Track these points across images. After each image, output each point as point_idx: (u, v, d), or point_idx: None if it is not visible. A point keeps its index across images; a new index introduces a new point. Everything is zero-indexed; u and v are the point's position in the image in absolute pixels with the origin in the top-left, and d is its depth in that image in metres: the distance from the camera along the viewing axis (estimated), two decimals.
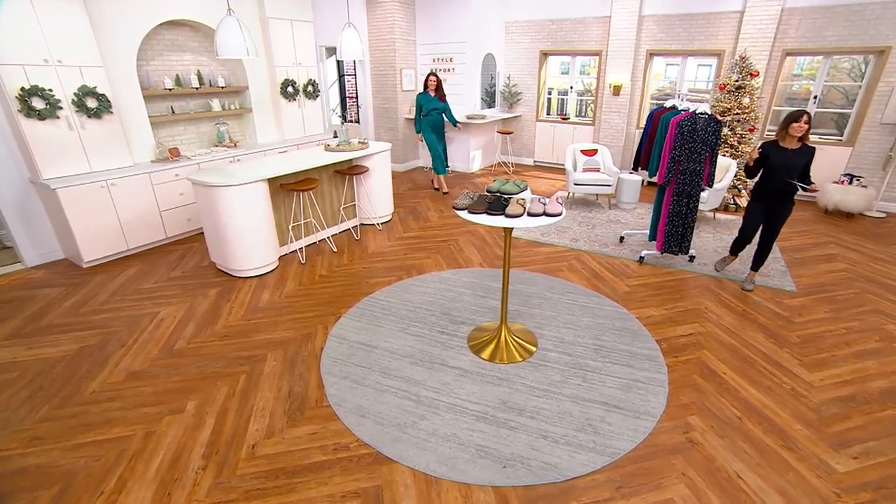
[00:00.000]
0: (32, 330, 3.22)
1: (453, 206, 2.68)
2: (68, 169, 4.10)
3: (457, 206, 2.65)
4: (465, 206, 2.64)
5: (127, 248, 4.43)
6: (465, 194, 2.72)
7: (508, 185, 2.79)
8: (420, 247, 4.65)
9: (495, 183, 2.84)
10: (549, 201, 2.62)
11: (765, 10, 5.68)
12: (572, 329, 3.27)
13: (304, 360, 2.88)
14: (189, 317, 3.38)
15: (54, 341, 3.09)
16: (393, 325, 3.27)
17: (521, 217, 2.54)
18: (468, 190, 2.81)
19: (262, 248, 3.96)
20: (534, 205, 2.58)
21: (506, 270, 2.89)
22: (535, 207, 2.56)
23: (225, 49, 3.45)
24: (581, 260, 4.41)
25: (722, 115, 5.50)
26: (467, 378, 2.74)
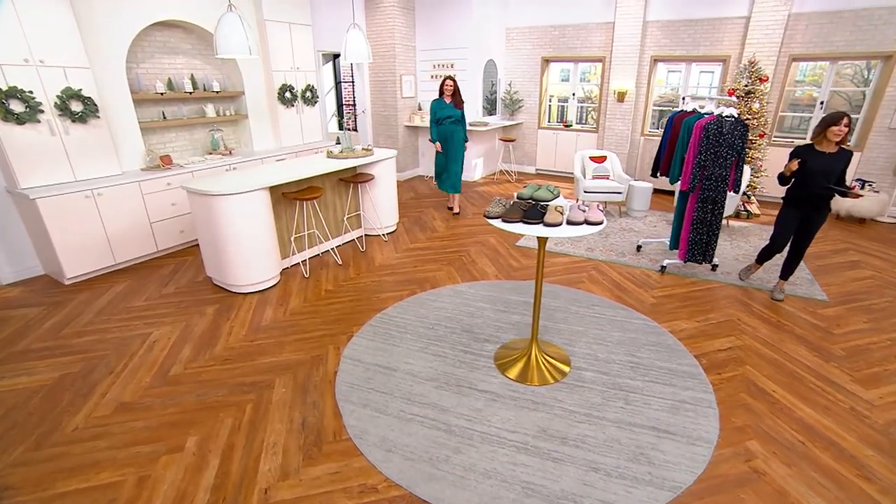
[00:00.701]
0: (6, 356, 2.88)
1: (485, 214, 2.46)
2: (50, 177, 3.78)
3: (489, 215, 2.43)
4: (497, 214, 2.42)
5: (114, 263, 4.10)
6: (497, 201, 2.50)
7: (541, 192, 2.58)
8: (430, 258, 4.41)
9: (527, 189, 2.62)
10: (589, 208, 2.41)
11: (771, 16, 5.65)
12: (604, 345, 3.05)
13: (317, 385, 2.60)
14: (185, 338, 3.07)
15: (31, 369, 2.76)
16: (411, 344, 3.01)
17: (561, 226, 2.33)
18: (499, 196, 2.59)
19: (263, 261, 3.68)
20: (573, 212, 2.37)
21: (538, 284, 2.66)
22: (576, 215, 2.35)
23: (225, 47, 3.21)
24: (600, 270, 4.21)
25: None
26: (500, 403, 2.49)
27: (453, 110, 5.30)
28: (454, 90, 5.28)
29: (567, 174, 8.11)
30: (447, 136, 5.38)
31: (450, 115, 5.31)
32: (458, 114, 5.35)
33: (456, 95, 5.29)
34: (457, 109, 5.32)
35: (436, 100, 5.39)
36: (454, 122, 5.34)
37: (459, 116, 5.37)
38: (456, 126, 5.36)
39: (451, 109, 5.29)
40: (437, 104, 5.35)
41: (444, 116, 5.31)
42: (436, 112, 5.36)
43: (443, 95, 5.32)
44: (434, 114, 5.38)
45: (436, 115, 5.37)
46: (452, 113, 5.31)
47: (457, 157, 5.52)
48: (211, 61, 5.12)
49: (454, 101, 5.30)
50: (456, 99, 5.30)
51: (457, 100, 5.30)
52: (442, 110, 5.31)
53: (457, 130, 5.37)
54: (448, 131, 5.36)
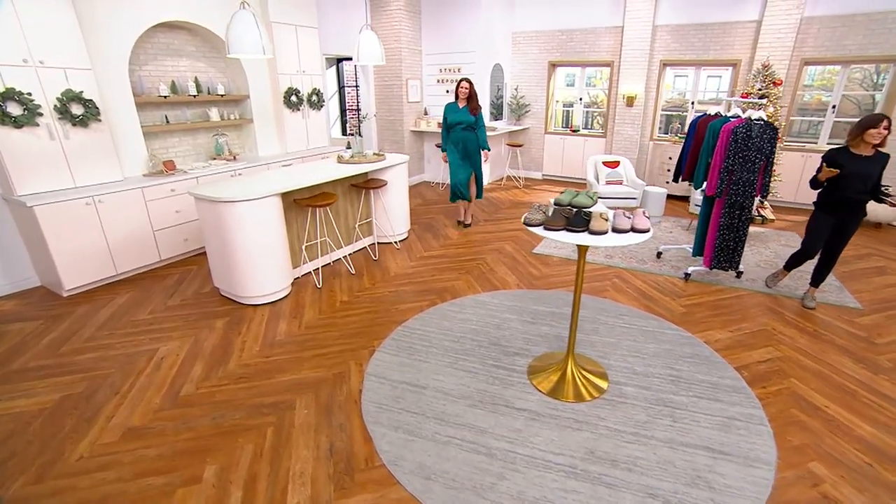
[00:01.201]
0: (2, 376, 2.67)
1: (524, 221, 2.31)
2: (48, 184, 3.58)
3: (529, 223, 2.28)
4: (539, 222, 2.27)
5: (115, 273, 3.90)
6: (536, 208, 2.36)
7: (581, 198, 2.44)
8: (447, 267, 4.24)
9: (564, 195, 2.48)
10: (634, 215, 2.27)
11: (783, 19, 5.61)
12: (639, 357, 2.90)
13: (342, 406, 2.42)
14: (195, 354, 2.88)
15: (29, 390, 2.55)
16: (438, 359, 2.84)
17: (607, 234, 2.18)
18: (538, 203, 2.44)
19: (275, 271, 3.49)
20: (619, 220, 2.23)
21: (577, 296, 2.52)
22: (622, 223, 2.21)
23: (238, 47, 3.05)
24: (623, 278, 4.07)
25: None
26: (540, 422, 2.33)
27: (466, 115, 4.88)
28: (469, 94, 4.83)
29: (574, 179, 8.01)
30: (458, 144, 4.99)
31: (461, 120, 4.89)
32: (471, 120, 4.90)
33: (472, 100, 4.86)
34: (470, 115, 4.87)
35: (449, 104, 5.01)
36: (466, 129, 4.92)
37: (473, 123, 4.91)
38: (468, 133, 4.95)
39: (463, 115, 4.88)
40: (449, 108, 4.98)
41: (455, 122, 4.92)
42: (446, 117, 4.98)
43: (457, 99, 4.93)
44: (445, 119, 5.01)
45: (446, 120, 4.98)
46: (465, 119, 4.89)
47: (474, 163, 5.12)
48: (215, 64, 4.95)
49: (469, 105, 4.87)
50: (471, 104, 4.86)
51: (472, 105, 4.87)
52: (453, 115, 4.93)
53: (469, 138, 4.97)
54: (459, 138, 4.97)
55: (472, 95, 4.83)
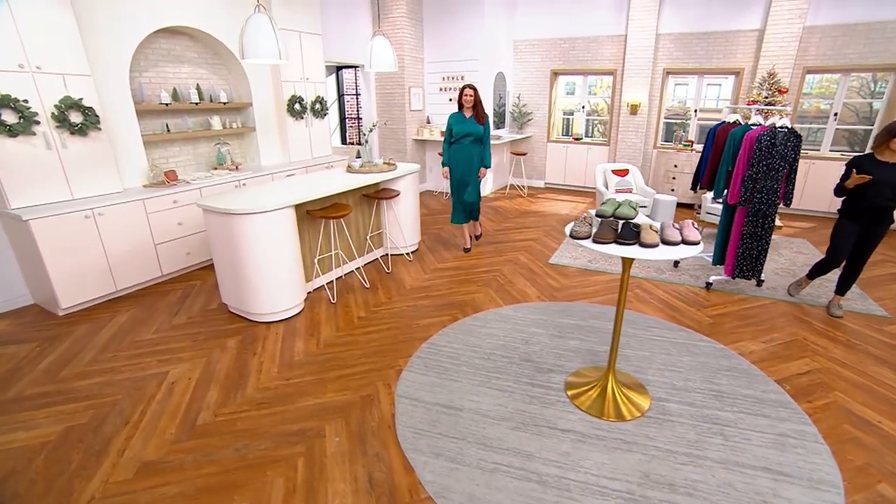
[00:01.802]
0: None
1: (571, 234, 2.21)
2: (44, 196, 3.38)
3: (576, 236, 2.19)
4: (586, 235, 2.18)
5: (115, 290, 3.69)
6: (583, 219, 2.26)
7: (624, 208, 2.36)
8: (463, 279, 4.12)
9: (606, 205, 2.40)
10: (683, 227, 2.19)
11: (786, 28, 5.69)
12: (676, 371, 2.81)
13: (375, 432, 2.27)
14: (208, 377, 2.69)
15: (28, 421, 2.34)
16: (469, 378, 2.71)
17: (658, 247, 2.09)
18: (585, 214, 2.35)
19: (288, 286, 3.33)
20: (669, 231, 2.15)
21: (620, 312, 2.42)
22: (672, 234, 2.13)
23: (253, 52, 2.91)
24: (644, 289, 4.00)
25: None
26: (587, 444, 2.21)
27: (474, 126, 4.35)
28: (475, 101, 4.34)
29: (578, 188, 7.99)
30: (464, 158, 4.42)
31: (469, 132, 4.35)
32: (480, 130, 4.37)
33: (478, 108, 4.36)
34: (478, 125, 4.36)
35: (455, 113, 4.48)
36: (474, 142, 4.38)
37: (481, 134, 4.39)
38: (476, 147, 4.41)
39: (471, 125, 4.35)
40: (455, 118, 4.43)
41: (461, 134, 4.36)
42: (451, 128, 4.43)
43: (462, 108, 4.42)
44: (449, 130, 4.45)
45: (451, 131, 4.43)
46: (472, 130, 4.35)
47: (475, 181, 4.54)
48: (217, 71, 4.80)
49: (475, 114, 4.36)
50: (478, 112, 4.36)
51: (478, 113, 4.36)
52: (460, 125, 4.37)
53: (476, 152, 4.42)
54: (465, 153, 4.40)
55: (477, 103, 4.36)
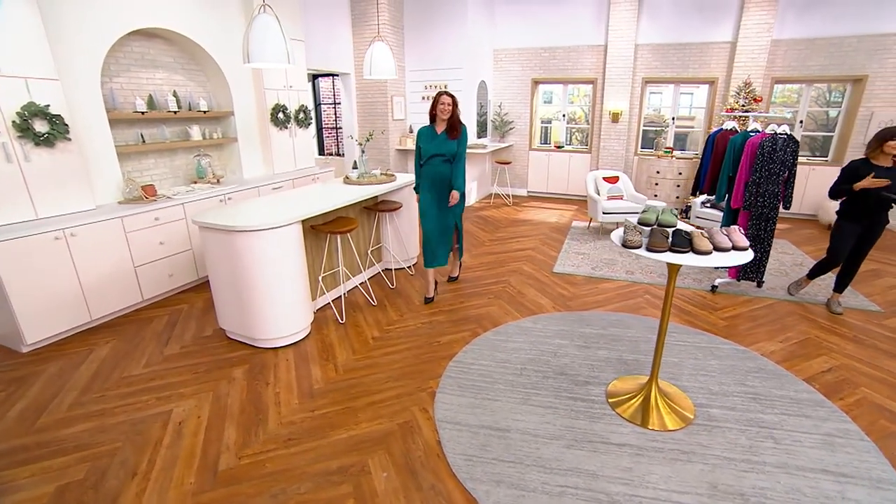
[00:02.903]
0: None
1: (624, 244, 2.19)
2: (2, 216, 3.00)
3: (629, 245, 2.17)
4: (639, 244, 2.16)
5: (90, 320, 3.31)
6: (632, 228, 2.24)
7: (666, 216, 2.36)
8: (473, 292, 4.03)
9: (648, 213, 2.39)
10: (730, 233, 2.22)
11: (755, 41, 6.10)
12: (708, 375, 2.84)
13: (424, 462, 2.12)
14: (221, 414, 2.44)
15: (10, 483, 2.01)
16: (508, 396, 2.61)
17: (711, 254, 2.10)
18: (629, 221, 2.34)
19: (296, 307, 3.11)
20: (719, 238, 2.16)
21: (665, 317, 2.41)
22: (723, 241, 2.14)
23: (259, 55, 2.73)
24: (653, 294, 4.07)
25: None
26: (646, 457, 2.17)
27: (446, 143, 3.48)
28: (452, 112, 3.47)
29: (561, 196, 8.14)
30: (435, 182, 3.57)
31: (439, 151, 3.48)
32: (453, 148, 3.48)
33: (453, 121, 3.48)
34: (451, 141, 3.48)
35: (424, 128, 3.62)
36: (447, 162, 3.51)
37: (453, 153, 3.49)
38: (446, 167, 3.52)
39: (442, 142, 3.49)
40: (424, 134, 3.58)
41: (430, 153, 3.51)
42: (420, 146, 3.59)
43: (433, 122, 3.55)
44: (418, 148, 3.62)
45: (419, 150, 3.60)
46: (444, 149, 3.48)
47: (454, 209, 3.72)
48: (195, 77, 4.51)
49: (449, 125, 3.48)
50: (452, 124, 3.47)
51: (453, 125, 3.47)
52: (428, 143, 3.52)
53: (448, 172, 3.55)
54: (436, 175, 3.55)
55: (454, 116, 3.49)
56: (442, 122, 3.51)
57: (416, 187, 3.79)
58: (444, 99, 3.44)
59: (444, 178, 3.58)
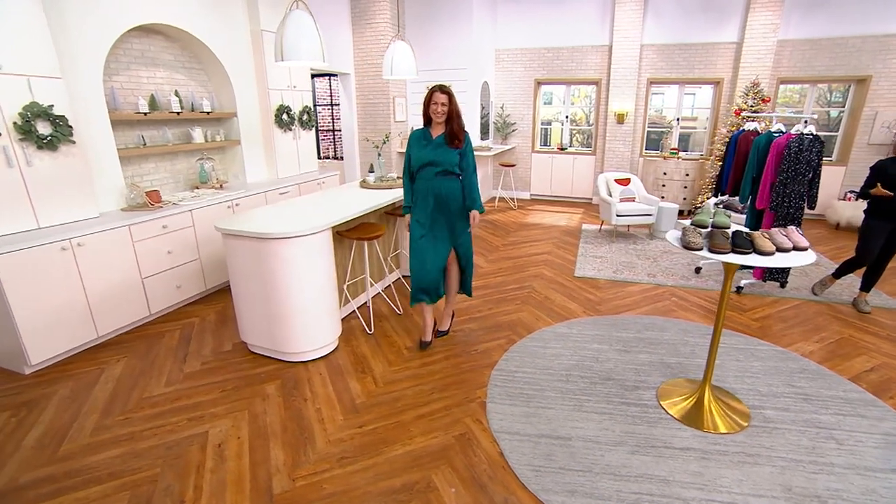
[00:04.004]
0: None
1: (685, 245, 2.26)
2: (2, 225, 2.88)
3: (691, 246, 2.23)
4: (699, 246, 2.23)
5: (96, 337, 3.20)
6: (692, 230, 2.31)
7: (720, 217, 2.44)
8: (499, 298, 4.06)
9: (702, 215, 2.47)
10: (789, 233, 2.31)
11: (761, 42, 6.37)
12: (754, 377, 2.93)
13: (491, 475, 2.12)
14: (262, 434, 2.38)
15: None
16: (560, 403, 2.63)
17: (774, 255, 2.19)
18: (688, 224, 2.41)
19: (326, 318, 3.07)
20: (779, 238, 2.25)
21: (720, 319, 2.49)
22: (784, 241, 2.23)
23: (294, 53, 2.72)
24: (679, 296, 4.18)
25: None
26: (713, 461, 2.22)
27: (444, 151, 2.88)
28: (449, 114, 2.86)
29: (566, 199, 8.27)
30: (429, 199, 2.95)
31: (435, 160, 2.88)
32: (452, 158, 2.88)
33: (452, 122, 2.88)
34: (451, 149, 2.89)
35: (416, 131, 3.02)
36: (443, 174, 2.91)
37: (455, 163, 2.90)
38: (447, 181, 2.92)
39: (438, 149, 2.89)
40: (416, 139, 2.98)
41: (424, 162, 2.91)
42: (410, 154, 3.00)
43: (429, 124, 2.97)
44: (408, 158, 3.02)
45: (409, 160, 3.01)
46: (441, 157, 2.88)
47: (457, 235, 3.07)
48: (196, 76, 4.44)
49: (448, 131, 2.88)
50: (452, 129, 2.88)
51: (453, 129, 2.87)
52: (420, 150, 2.93)
53: (448, 190, 2.93)
54: (431, 190, 2.93)
55: (452, 116, 2.87)
56: (439, 124, 2.93)
57: (405, 207, 3.09)
58: (438, 97, 2.82)
59: (440, 194, 2.92)
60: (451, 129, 2.89)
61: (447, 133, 2.90)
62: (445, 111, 2.86)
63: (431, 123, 2.97)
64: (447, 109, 2.86)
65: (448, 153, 2.90)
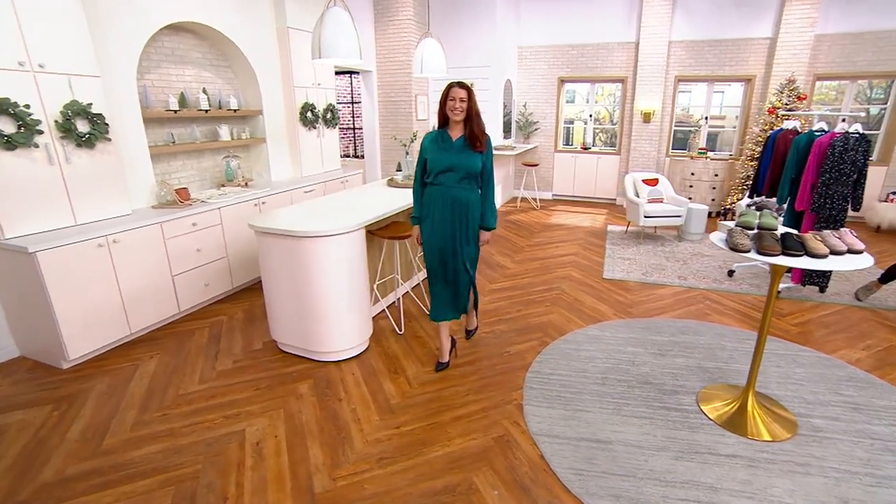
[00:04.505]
0: (37, 493, 2.06)
1: (733, 247, 2.25)
2: (43, 222, 2.98)
3: (739, 248, 2.22)
4: (748, 248, 2.22)
5: (129, 333, 3.29)
6: (739, 231, 2.30)
7: (767, 218, 2.43)
8: (528, 300, 4.07)
9: (748, 216, 2.46)
10: (842, 235, 2.29)
11: (798, 37, 6.27)
12: (798, 384, 2.90)
13: (533, 478, 2.13)
14: (299, 433, 2.43)
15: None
16: (598, 406, 2.64)
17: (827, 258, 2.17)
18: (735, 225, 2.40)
19: (358, 318, 3.12)
20: (832, 241, 2.23)
21: (765, 323, 2.47)
22: (837, 244, 2.21)
23: (333, 51, 2.78)
24: (713, 300, 4.14)
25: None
26: (762, 469, 2.20)
27: (466, 155, 2.65)
28: (468, 112, 2.61)
29: (589, 199, 8.24)
30: (446, 207, 2.70)
31: (454, 165, 2.64)
32: (475, 164, 2.66)
33: (472, 123, 2.63)
34: (473, 153, 2.65)
35: (432, 132, 2.76)
36: (465, 180, 2.69)
37: (476, 170, 2.68)
38: (465, 192, 2.70)
39: (459, 152, 2.65)
40: (431, 142, 2.71)
41: (442, 168, 2.65)
42: (425, 158, 2.73)
43: (445, 126, 2.70)
44: (422, 162, 2.76)
45: (424, 164, 2.75)
46: (461, 162, 2.64)
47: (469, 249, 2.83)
48: (222, 73, 4.54)
49: (468, 133, 2.64)
50: (472, 130, 2.63)
51: (473, 131, 2.63)
52: (438, 153, 2.66)
53: (467, 200, 2.71)
54: (447, 199, 2.69)
55: (471, 115, 2.62)
56: (456, 124, 2.67)
57: (415, 217, 2.84)
58: (455, 92, 2.59)
59: (460, 203, 2.69)
60: (470, 129, 2.65)
61: (467, 135, 2.66)
62: (464, 108, 2.60)
63: (449, 124, 2.70)
64: (466, 106, 2.60)
65: (471, 157, 2.66)
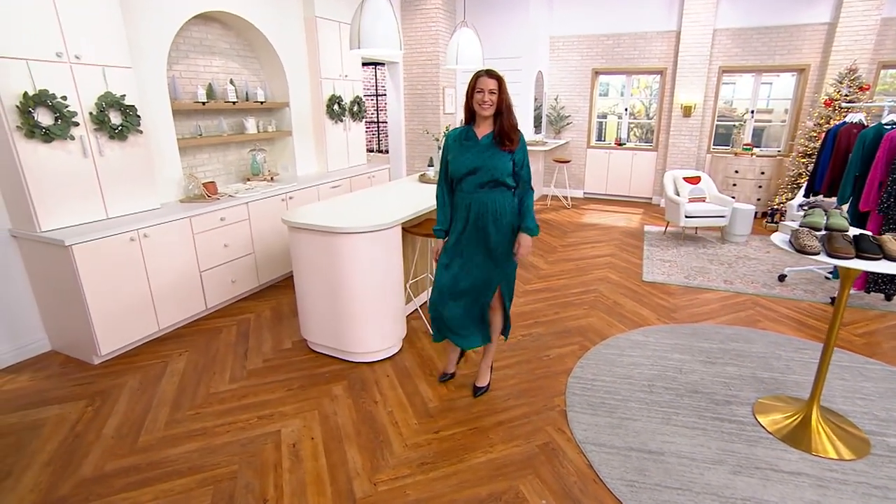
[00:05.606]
0: (76, 489, 2.14)
1: (801, 249, 2.21)
2: (78, 215, 3.10)
3: (808, 251, 2.18)
4: (817, 250, 2.18)
5: (157, 329, 3.39)
6: (807, 233, 2.26)
7: (836, 219, 2.38)
8: (565, 302, 4.06)
9: (814, 216, 2.41)
10: None
11: (861, 21, 6.06)
12: (866, 399, 2.83)
13: (582, 488, 2.13)
14: (335, 435, 2.47)
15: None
16: (646, 415, 2.62)
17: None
18: (803, 227, 2.36)
19: (394, 318, 3.15)
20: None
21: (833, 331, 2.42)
22: None
23: (371, 41, 2.81)
24: (764, 306, 4.07)
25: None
26: (831, 490, 2.16)
27: (494, 155, 2.38)
28: (498, 106, 2.34)
29: (623, 198, 8.16)
30: (471, 216, 2.46)
31: (480, 166, 2.38)
32: (506, 166, 2.39)
33: (503, 117, 2.36)
34: (503, 152, 2.39)
35: (455, 130, 2.54)
36: (490, 185, 2.41)
37: (506, 173, 2.40)
38: (495, 194, 2.43)
39: (486, 152, 2.39)
40: (454, 141, 2.49)
41: (468, 169, 2.41)
42: (447, 160, 2.50)
43: (472, 122, 2.45)
44: (445, 164, 2.53)
45: (447, 166, 2.51)
46: (491, 164, 2.38)
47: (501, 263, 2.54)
48: (249, 64, 4.64)
49: (497, 129, 2.37)
50: (502, 126, 2.36)
51: (503, 127, 2.36)
52: (461, 154, 2.43)
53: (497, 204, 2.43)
54: (476, 205, 2.44)
55: (502, 109, 2.35)
56: (484, 120, 2.40)
57: (439, 228, 2.59)
58: (484, 82, 2.31)
59: (485, 210, 2.42)
60: (500, 125, 2.36)
61: (496, 131, 2.37)
62: (494, 101, 2.31)
63: (475, 119, 2.43)
64: (496, 99, 2.32)
65: (499, 157, 2.38)
